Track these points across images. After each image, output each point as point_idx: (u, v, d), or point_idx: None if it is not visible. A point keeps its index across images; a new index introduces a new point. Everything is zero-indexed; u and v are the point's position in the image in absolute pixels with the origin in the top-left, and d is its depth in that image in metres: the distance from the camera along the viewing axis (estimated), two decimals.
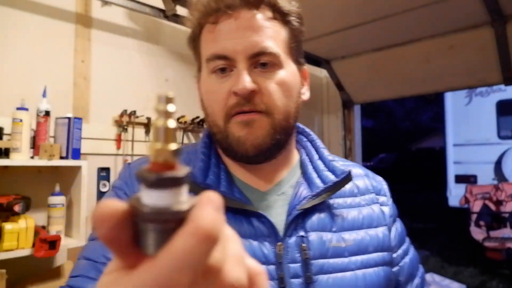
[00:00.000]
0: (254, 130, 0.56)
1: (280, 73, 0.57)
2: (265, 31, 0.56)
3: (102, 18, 1.94)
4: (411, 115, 19.02)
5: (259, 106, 0.55)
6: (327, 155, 0.65)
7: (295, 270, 0.54)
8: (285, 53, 0.59)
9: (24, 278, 1.50)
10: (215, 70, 0.58)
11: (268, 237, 0.55)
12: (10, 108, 1.50)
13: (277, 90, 0.56)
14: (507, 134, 5.33)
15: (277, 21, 0.58)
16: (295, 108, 0.60)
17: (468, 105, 5.52)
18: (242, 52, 0.55)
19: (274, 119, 0.56)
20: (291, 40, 0.60)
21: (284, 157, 0.63)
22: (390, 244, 0.62)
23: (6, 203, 1.39)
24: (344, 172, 0.61)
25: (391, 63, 2.67)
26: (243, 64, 0.55)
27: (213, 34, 0.58)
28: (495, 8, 1.97)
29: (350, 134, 3.18)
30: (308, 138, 0.70)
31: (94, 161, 1.86)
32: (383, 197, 0.68)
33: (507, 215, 4.30)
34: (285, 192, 0.62)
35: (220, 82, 0.57)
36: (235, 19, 0.56)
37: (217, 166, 0.61)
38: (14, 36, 1.65)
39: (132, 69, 2.07)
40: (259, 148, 0.56)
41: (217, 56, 0.57)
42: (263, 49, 0.55)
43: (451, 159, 5.64)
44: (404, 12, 2.05)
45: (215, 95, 0.58)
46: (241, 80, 0.54)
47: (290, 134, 0.62)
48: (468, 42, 2.28)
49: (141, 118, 2.03)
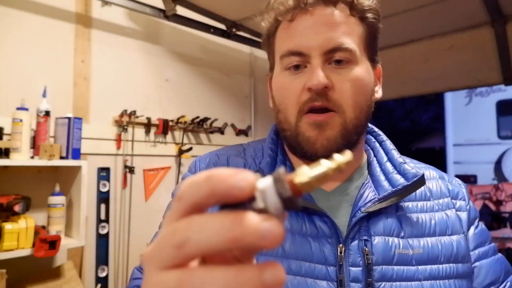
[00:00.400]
0: (325, 131, 0.55)
1: (354, 70, 0.56)
2: (340, 27, 0.55)
3: (102, 18, 1.94)
4: (411, 115, 19.00)
5: (331, 103, 0.55)
6: (397, 157, 0.62)
7: (355, 274, 0.53)
8: (360, 50, 0.57)
9: (24, 278, 1.50)
10: (288, 67, 0.57)
11: (330, 237, 0.54)
12: (10, 108, 1.50)
13: (350, 87, 0.55)
14: (507, 134, 5.33)
15: (354, 17, 0.57)
16: (368, 106, 0.59)
17: (468, 105, 5.52)
18: (317, 48, 0.55)
19: (346, 118, 0.55)
20: (367, 37, 0.59)
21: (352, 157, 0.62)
22: (467, 254, 0.58)
23: (6, 203, 1.39)
24: (416, 175, 0.58)
25: (391, 63, 2.67)
26: (317, 60, 0.55)
27: (288, 31, 0.58)
28: (495, 8, 1.97)
29: None
30: (377, 139, 0.67)
31: (94, 161, 1.86)
32: (461, 202, 0.63)
33: (507, 215, 4.30)
34: (350, 193, 0.60)
35: (293, 79, 0.57)
36: (311, 16, 0.56)
37: (283, 162, 0.61)
38: (14, 36, 1.65)
39: (132, 69, 2.07)
40: (330, 149, 0.55)
41: (291, 52, 0.56)
42: (338, 44, 0.55)
43: (451, 159, 5.65)
44: (404, 12, 2.05)
45: (288, 91, 0.57)
46: (315, 75, 0.54)
47: (361, 133, 0.60)
48: (468, 42, 2.28)
49: (141, 118, 2.03)
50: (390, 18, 2.13)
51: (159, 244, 0.22)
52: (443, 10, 2.01)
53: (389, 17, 2.12)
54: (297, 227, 0.55)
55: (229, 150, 0.68)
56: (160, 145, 2.14)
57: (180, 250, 0.21)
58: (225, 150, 0.68)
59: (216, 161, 0.65)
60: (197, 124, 2.25)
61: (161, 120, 2.12)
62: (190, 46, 2.36)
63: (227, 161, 0.65)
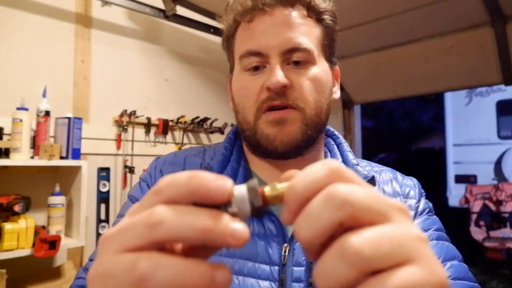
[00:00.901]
0: (285, 127, 0.56)
1: (312, 69, 0.57)
2: (299, 28, 0.57)
3: (102, 18, 1.94)
4: (411, 115, 19.01)
5: (291, 101, 0.55)
6: (351, 159, 0.64)
7: (298, 274, 0.53)
8: (318, 50, 0.59)
9: (24, 278, 1.50)
10: (248, 68, 0.58)
11: (277, 237, 0.55)
12: (10, 108, 1.50)
13: (309, 85, 0.57)
14: (507, 134, 5.33)
15: (311, 19, 0.59)
16: (327, 105, 0.60)
17: (468, 105, 5.52)
18: (276, 48, 0.56)
19: (306, 114, 0.56)
20: (324, 38, 0.60)
21: (310, 157, 0.62)
22: None
23: (6, 203, 1.39)
24: (367, 177, 0.60)
25: (391, 63, 2.67)
26: (276, 60, 0.56)
27: (247, 32, 0.59)
28: (495, 8, 1.97)
29: (350, 134, 3.18)
30: (336, 142, 0.69)
31: (94, 161, 1.86)
32: (411, 201, 0.65)
33: (507, 215, 4.30)
34: None
35: (252, 79, 0.58)
36: (270, 16, 0.57)
37: (237, 161, 0.62)
38: (14, 36, 1.65)
39: (132, 69, 2.07)
40: (289, 145, 0.56)
41: (250, 53, 0.57)
42: (296, 44, 0.56)
43: (451, 159, 5.64)
44: (404, 12, 2.05)
45: (247, 91, 0.58)
46: (274, 75, 0.54)
47: (320, 131, 0.61)
48: (468, 42, 2.28)
49: (141, 118, 2.03)
50: (390, 18, 2.13)
51: (127, 225, 0.23)
52: (443, 10, 2.01)
53: (389, 17, 2.12)
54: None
55: (189, 150, 0.69)
56: (160, 145, 2.15)
57: (152, 230, 0.21)
58: (185, 151, 0.69)
59: (173, 160, 0.66)
60: (197, 124, 2.25)
61: (161, 120, 2.12)
62: (190, 46, 2.36)
63: (184, 160, 0.66)
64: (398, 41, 2.52)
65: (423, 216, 0.64)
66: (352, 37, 2.45)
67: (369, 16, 2.15)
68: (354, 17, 2.18)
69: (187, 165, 0.65)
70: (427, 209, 0.66)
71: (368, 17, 2.16)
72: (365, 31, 2.33)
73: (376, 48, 2.65)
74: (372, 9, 2.07)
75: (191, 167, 0.64)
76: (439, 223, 0.66)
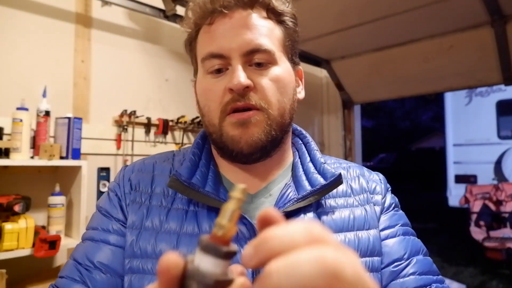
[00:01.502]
0: (249, 129, 0.56)
1: (274, 70, 0.58)
2: (259, 29, 0.57)
3: (102, 18, 1.94)
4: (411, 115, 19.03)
5: (254, 102, 0.56)
6: (319, 157, 0.64)
7: None
8: (279, 51, 0.59)
9: (24, 278, 1.50)
10: (210, 71, 0.58)
11: (249, 239, 0.55)
12: (10, 108, 1.50)
13: (271, 86, 0.57)
14: (507, 134, 5.33)
15: (271, 20, 0.59)
16: (290, 105, 0.60)
17: (468, 105, 5.52)
18: (237, 50, 0.56)
19: (269, 115, 0.56)
20: (285, 38, 0.61)
21: (277, 158, 0.63)
22: (380, 249, 0.59)
23: (6, 203, 1.39)
24: (334, 175, 0.60)
25: (391, 63, 2.67)
26: (238, 61, 0.56)
27: (208, 34, 0.59)
28: (495, 8, 1.97)
29: (350, 134, 3.18)
30: (303, 141, 0.69)
31: (94, 161, 1.86)
32: (377, 196, 0.65)
33: (507, 215, 4.30)
34: (273, 194, 0.61)
35: (215, 81, 0.58)
36: (230, 19, 0.57)
37: (206, 166, 0.62)
38: (14, 36, 1.65)
39: (132, 69, 2.07)
40: (254, 146, 0.56)
41: (212, 55, 0.57)
42: (257, 46, 0.56)
43: (451, 159, 5.64)
44: (404, 12, 2.05)
45: (210, 93, 0.58)
46: (236, 76, 0.54)
47: (285, 131, 0.61)
48: (468, 42, 2.28)
49: (141, 118, 2.03)
50: (390, 18, 2.13)
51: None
52: (443, 10, 2.01)
53: (389, 17, 2.12)
54: None
55: (158, 156, 0.69)
56: (160, 145, 2.15)
57: None
58: (154, 157, 0.68)
59: (141, 168, 0.65)
60: (197, 124, 2.25)
61: (161, 120, 2.12)
62: None
63: (153, 166, 0.65)
64: (398, 41, 2.52)
65: (389, 212, 0.64)
66: (352, 37, 2.45)
67: (369, 16, 2.15)
68: (354, 17, 2.19)
69: (156, 172, 0.64)
70: (393, 204, 0.66)
71: (368, 17, 2.16)
72: (365, 31, 2.33)
73: (376, 48, 2.65)
74: (372, 9, 2.07)
75: (161, 174, 0.63)
76: (405, 218, 0.66)
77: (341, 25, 2.29)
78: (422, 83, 2.68)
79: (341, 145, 3.18)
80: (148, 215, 0.58)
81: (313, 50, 2.73)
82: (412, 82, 2.72)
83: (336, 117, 3.28)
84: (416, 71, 2.61)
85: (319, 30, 2.38)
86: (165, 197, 0.60)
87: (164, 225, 0.57)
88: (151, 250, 0.55)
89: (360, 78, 2.93)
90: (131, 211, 0.60)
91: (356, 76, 2.93)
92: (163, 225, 0.57)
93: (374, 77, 2.84)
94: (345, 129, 3.18)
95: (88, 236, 0.61)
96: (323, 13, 2.11)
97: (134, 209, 0.60)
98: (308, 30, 2.37)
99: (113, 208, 0.61)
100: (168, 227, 0.57)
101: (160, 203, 0.59)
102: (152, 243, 0.56)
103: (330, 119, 3.33)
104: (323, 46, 2.64)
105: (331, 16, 2.17)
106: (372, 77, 2.85)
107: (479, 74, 2.41)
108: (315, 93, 3.33)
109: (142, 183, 0.62)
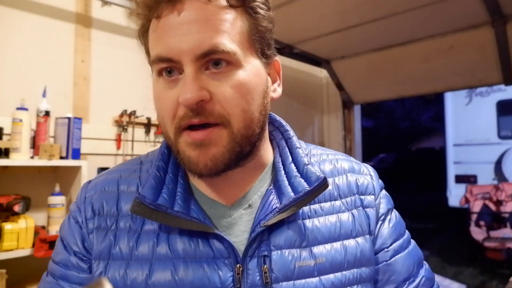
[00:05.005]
0: (208, 150, 0.48)
1: (236, 74, 0.48)
2: (216, 24, 0.46)
3: (102, 18, 1.94)
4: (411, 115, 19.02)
5: (212, 117, 0.47)
6: (302, 156, 0.56)
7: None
8: (243, 49, 0.49)
9: (24, 278, 1.50)
10: (161, 72, 0.49)
11: (228, 258, 0.49)
12: (10, 108, 1.50)
13: (233, 94, 0.47)
14: (507, 134, 5.33)
15: (234, 9, 0.48)
16: (260, 112, 0.51)
17: (468, 105, 5.52)
18: (188, 53, 0.46)
19: (233, 129, 0.48)
20: (252, 30, 0.50)
21: (253, 164, 0.55)
22: (371, 257, 0.55)
23: (6, 203, 1.39)
24: (318, 178, 0.52)
25: (391, 63, 2.67)
26: (190, 68, 0.46)
27: (155, 32, 0.49)
28: (495, 8, 1.97)
29: (350, 134, 3.18)
30: (284, 135, 0.60)
31: (94, 161, 1.86)
32: (369, 197, 0.58)
33: (507, 215, 4.30)
34: (252, 204, 0.54)
35: (167, 88, 0.49)
36: (179, 12, 0.47)
37: (173, 181, 0.53)
38: (14, 36, 1.65)
39: (132, 69, 2.07)
40: (215, 168, 0.48)
41: (160, 59, 0.48)
42: (213, 47, 0.46)
43: (451, 159, 5.64)
44: (404, 12, 2.05)
45: (163, 103, 0.49)
46: (186, 89, 0.46)
47: (256, 142, 0.53)
48: (468, 42, 2.28)
49: (141, 118, 2.03)
50: (390, 18, 2.13)
51: None
52: (443, 10, 2.01)
53: (389, 17, 2.12)
54: (190, 252, 0.50)
55: (123, 168, 0.60)
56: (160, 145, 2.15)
57: None
58: (119, 169, 0.59)
59: (104, 187, 0.56)
60: None
61: None
62: None
63: (117, 183, 0.56)
64: (398, 41, 2.52)
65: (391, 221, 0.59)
66: (352, 37, 2.45)
67: (369, 16, 2.15)
68: (354, 17, 2.18)
69: (121, 188, 0.56)
70: (390, 208, 0.61)
71: (368, 17, 2.16)
72: (365, 31, 2.33)
73: (376, 48, 2.65)
74: (372, 9, 2.07)
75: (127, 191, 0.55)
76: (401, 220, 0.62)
77: (341, 25, 2.29)
78: (422, 83, 2.68)
79: (341, 145, 3.18)
80: (116, 242, 0.52)
81: (313, 50, 2.73)
82: (412, 82, 2.72)
83: (336, 117, 3.28)
84: (416, 71, 2.61)
85: (319, 30, 2.38)
86: (133, 219, 0.53)
87: (134, 253, 0.51)
88: (122, 283, 0.50)
89: (360, 78, 2.93)
90: (96, 239, 0.53)
91: (356, 76, 2.93)
92: (133, 253, 0.51)
93: (374, 77, 2.84)
94: (345, 129, 3.18)
95: (50, 270, 0.58)
96: (323, 13, 2.11)
97: (99, 236, 0.53)
98: (308, 30, 2.37)
99: (71, 238, 0.55)
100: (140, 254, 0.51)
101: (128, 227, 0.52)
102: (123, 274, 0.50)
103: (330, 119, 3.33)
104: (323, 46, 2.64)
105: (331, 16, 2.17)
106: (372, 77, 2.85)
107: (479, 74, 2.41)
108: (315, 93, 3.33)
109: (107, 206, 0.54)
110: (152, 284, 0.49)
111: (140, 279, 0.49)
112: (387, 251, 0.57)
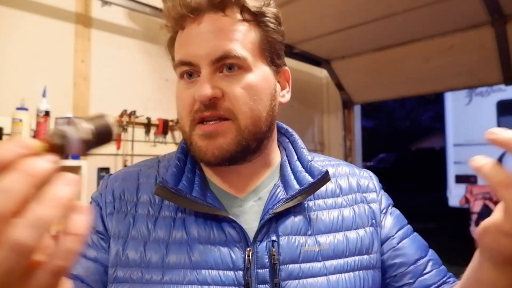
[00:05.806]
0: (215, 140, 0.54)
1: (247, 77, 0.55)
2: (229, 34, 0.55)
3: (102, 18, 1.94)
4: (411, 115, 19.04)
5: (223, 111, 0.54)
6: (306, 155, 0.63)
7: (263, 276, 0.54)
8: (254, 56, 0.56)
9: None
10: (183, 75, 0.58)
11: (239, 242, 0.55)
12: (10, 108, 1.50)
13: (243, 94, 0.55)
14: None
15: (247, 22, 0.57)
16: (267, 112, 0.58)
17: (468, 105, 5.52)
18: (205, 57, 0.54)
19: (240, 124, 0.55)
20: (263, 41, 0.58)
21: (262, 161, 0.62)
22: (371, 246, 0.60)
23: None
24: (321, 172, 0.59)
25: (391, 63, 2.67)
26: (206, 70, 0.54)
27: (179, 40, 0.58)
28: (495, 8, 1.97)
29: (350, 134, 3.18)
30: (290, 139, 0.68)
31: (94, 161, 1.86)
32: (372, 194, 0.65)
33: None
34: (262, 197, 0.60)
35: (186, 88, 0.57)
36: (199, 24, 0.55)
37: (191, 171, 0.60)
38: (14, 36, 1.65)
39: (132, 69, 2.07)
40: (221, 157, 0.55)
41: (182, 63, 0.56)
42: (226, 52, 0.54)
43: (451, 159, 5.64)
44: (404, 12, 2.06)
45: (182, 101, 0.57)
46: (200, 88, 0.53)
47: (263, 139, 0.59)
48: (468, 42, 2.28)
49: (141, 118, 2.03)
50: (390, 18, 2.13)
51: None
52: (443, 10, 2.01)
53: (389, 17, 2.12)
54: (205, 236, 0.56)
55: (142, 164, 0.67)
56: (160, 145, 2.15)
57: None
58: (139, 165, 0.67)
59: (125, 177, 0.64)
60: None
61: (161, 120, 2.12)
62: None
63: (137, 174, 0.64)
64: (398, 41, 2.52)
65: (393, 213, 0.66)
66: (352, 37, 2.46)
67: (369, 16, 2.15)
68: (354, 17, 2.19)
69: (141, 180, 0.63)
70: (390, 203, 0.67)
71: (368, 17, 2.16)
72: (365, 31, 2.33)
73: (376, 48, 2.65)
74: (372, 9, 2.07)
75: (146, 182, 0.62)
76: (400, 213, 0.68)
77: (341, 25, 2.29)
78: (422, 83, 2.68)
79: (341, 145, 3.18)
80: (135, 224, 0.58)
81: (313, 50, 2.73)
82: (412, 82, 2.72)
83: (336, 117, 3.28)
84: (416, 71, 2.62)
85: (319, 30, 2.38)
86: (152, 205, 0.59)
87: (152, 234, 0.56)
88: (139, 259, 0.55)
89: (360, 78, 2.94)
90: (115, 220, 0.58)
91: (356, 76, 2.94)
92: (151, 234, 0.56)
93: (374, 77, 2.84)
94: (345, 129, 3.18)
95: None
96: (323, 13, 2.11)
97: (119, 218, 0.59)
98: (308, 30, 2.37)
99: (93, 219, 0.60)
100: (157, 236, 0.56)
101: (147, 212, 0.59)
102: (141, 252, 0.55)
103: (330, 119, 3.33)
104: (323, 46, 2.64)
105: (331, 16, 2.17)
106: (372, 77, 2.85)
107: (479, 74, 2.41)
108: (315, 93, 3.34)
109: (127, 192, 0.61)
110: (168, 262, 0.54)
111: (157, 258, 0.54)
112: (393, 238, 0.62)
